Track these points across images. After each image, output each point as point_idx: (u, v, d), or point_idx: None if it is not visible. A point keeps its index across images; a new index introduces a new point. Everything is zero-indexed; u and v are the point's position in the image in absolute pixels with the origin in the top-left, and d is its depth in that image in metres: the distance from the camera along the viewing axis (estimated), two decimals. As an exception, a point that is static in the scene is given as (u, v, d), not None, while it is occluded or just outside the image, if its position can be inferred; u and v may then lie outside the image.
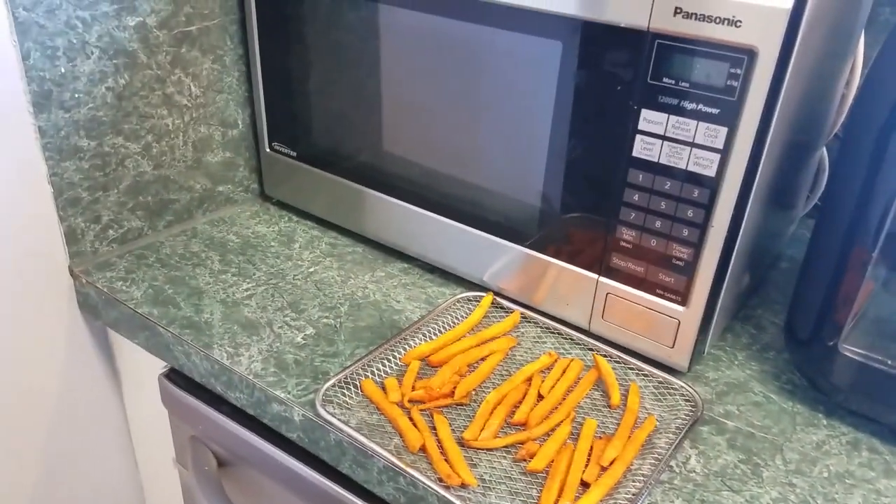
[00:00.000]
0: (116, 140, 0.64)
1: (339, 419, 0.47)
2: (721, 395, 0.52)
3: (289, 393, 0.50)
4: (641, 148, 0.47)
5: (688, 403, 0.51)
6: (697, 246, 0.48)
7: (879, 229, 0.46)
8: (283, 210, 0.76)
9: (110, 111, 0.62)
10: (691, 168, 0.46)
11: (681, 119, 0.45)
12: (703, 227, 0.47)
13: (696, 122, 0.44)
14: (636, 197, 0.49)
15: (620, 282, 0.53)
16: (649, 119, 0.46)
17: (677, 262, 0.49)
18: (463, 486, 0.43)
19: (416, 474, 0.43)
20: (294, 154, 0.70)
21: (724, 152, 0.44)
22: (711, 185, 0.45)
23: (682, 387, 0.52)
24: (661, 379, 0.53)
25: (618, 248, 0.52)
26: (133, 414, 0.73)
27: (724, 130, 0.44)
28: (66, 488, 0.71)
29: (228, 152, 0.73)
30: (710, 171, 0.45)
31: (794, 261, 0.72)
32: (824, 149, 0.67)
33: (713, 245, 0.47)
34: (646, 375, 0.54)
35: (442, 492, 0.42)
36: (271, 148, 0.72)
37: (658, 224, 0.49)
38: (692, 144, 0.45)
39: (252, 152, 0.75)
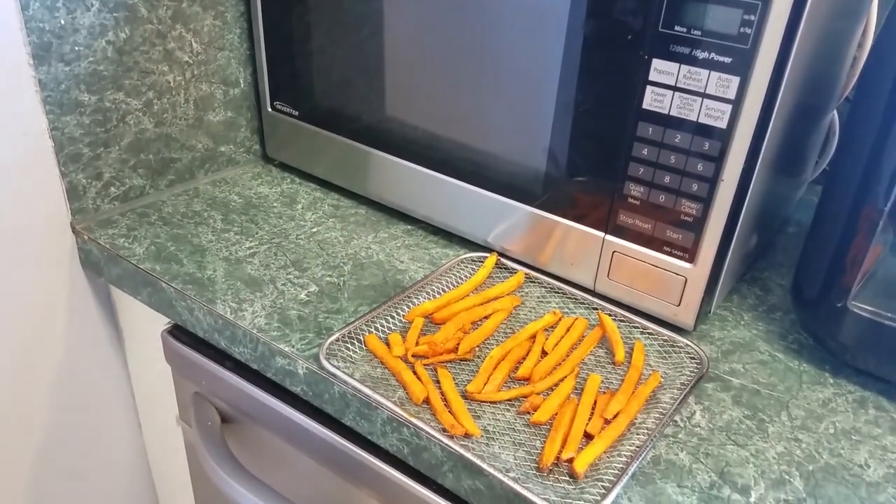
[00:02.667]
0: (117, 95, 0.63)
1: (343, 372, 0.47)
2: (727, 353, 0.52)
3: (293, 347, 0.50)
4: (652, 100, 0.46)
5: (693, 361, 0.50)
6: (706, 201, 0.47)
7: (890, 189, 0.46)
8: (285, 172, 0.75)
9: (111, 66, 0.61)
10: (702, 120, 0.45)
11: (692, 69, 0.44)
12: (713, 182, 0.46)
13: (707, 71, 0.43)
14: (645, 151, 0.48)
15: (627, 240, 0.52)
16: (660, 69, 0.45)
17: (686, 219, 0.48)
18: (466, 436, 0.43)
19: (421, 424, 0.43)
20: (296, 114, 0.69)
21: (736, 103, 0.43)
22: (722, 138, 0.45)
23: (687, 345, 0.51)
24: (666, 337, 0.53)
25: (625, 205, 0.51)
26: (136, 372, 0.73)
27: (736, 80, 0.43)
28: (69, 449, 0.72)
29: (230, 112, 0.72)
30: (722, 123, 0.44)
31: (802, 225, 0.71)
32: (835, 112, 0.66)
33: (722, 200, 0.47)
34: (651, 334, 0.53)
35: (446, 441, 0.42)
36: (273, 107, 0.71)
37: (667, 179, 0.48)
38: (704, 95, 0.44)
39: (254, 112, 0.74)
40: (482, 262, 0.61)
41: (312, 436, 0.51)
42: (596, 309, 0.56)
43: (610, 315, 0.54)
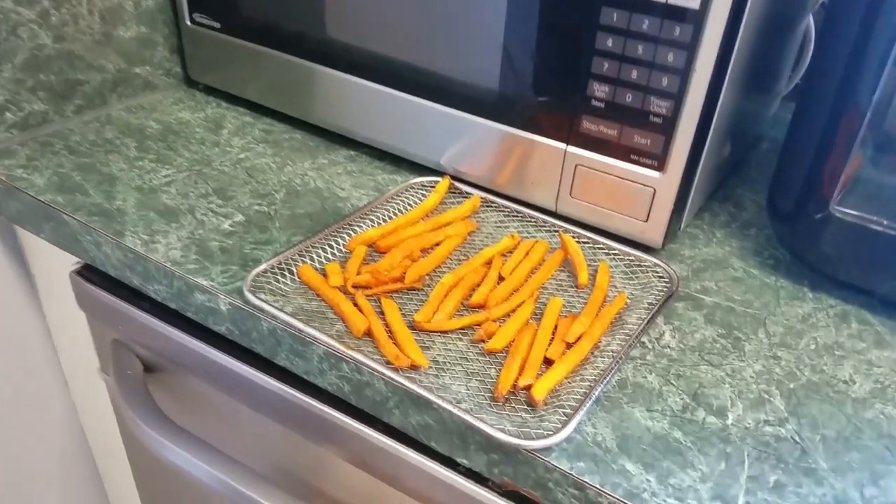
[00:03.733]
0: (4, 3, 0.54)
1: (271, 306, 0.41)
2: (698, 271, 0.48)
3: (213, 280, 0.44)
4: (615, -20, 0.40)
5: (661, 280, 0.46)
6: (678, 97, 0.42)
7: (870, 95, 0.41)
8: (210, 96, 0.67)
9: (-10, -35, 0.52)
10: (672, 1, 0.39)
11: (662, -61, 0.38)
12: (684, 74, 0.41)
13: (679, -60, 0.37)
14: (610, 42, 0.42)
15: (591, 150, 0.47)
16: (625, -59, 0.39)
17: (655, 119, 0.43)
18: (413, 367, 0.38)
19: (360, 357, 0.38)
20: (218, 26, 0.61)
21: (711, -22, 0.38)
22: (695, 21, 0.39)
23: (655, 264, 0.47)
24: (632, 257, 0.48)
25: (589, 109, 0.45)
26: (54, 322, 0.66)
27: (711, -50, 0.37)
28: (-16, 408, 0.65)
29: (143, 27, 0.64)
30: (694, 3, 0.39)
31: (776, 142, 0.67)
32: (811, 17, 0.61)
33: (695, 95, 0.41)
34: (616, 254, 0.48)
35: (389, 374, 0.37)
36: (192, 20, 0.63)
37: (634, 74, 0.42)
38: (674, -30, 0.38)
39: (172, 28, 0.66)
40: (433, 186, 0.55)
41: (244, 380, 0.45)
42: (557, 231, 0.51)
43: (573, 237, 0.49)
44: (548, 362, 0.39)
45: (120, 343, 0.53)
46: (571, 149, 0.48)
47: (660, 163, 0.45)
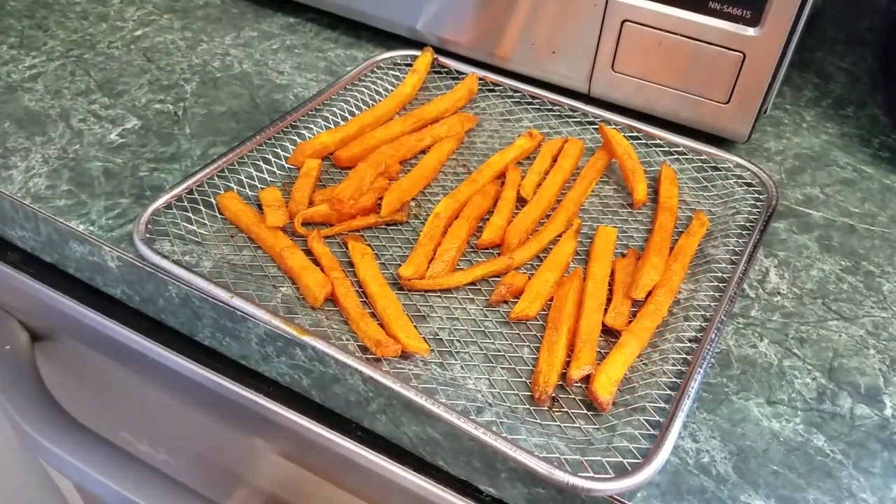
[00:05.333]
0: None
1: (178, 261, 0.27)
2: (793, 172, 0.34)
3: (92, 224, 0.29)
4: None
5: (750, 190, 0.32)
6: None
7: None
8: (93, -51, 0.48)
9: None
10: None
11: None
12: None
13: None
14: None
15: (646, -2, 0.31)
16: None
17: (759, -60, 0.28)
18: (404, 355, 0.24)
19: (322, 346, 0.24)
20: None
21: None
22: None
23: (738, 165, 0.33)
24: (704, 156, 0.34)
25: (646, -70, 0.29)
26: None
27: None
28: None
29: None
30: None
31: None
32: None
33: None
34: (681, 154, 0.34)
35: (367, 370, 0.23)
36: None
37: None
38: None
39: None
40: (411, 63, 0.39)
41: (155, 363, 0.31)
42: (593, 123, 0.36)
43: (618, 129, 0.34)
44: (607, 332, 0.26)
45: (-7, 307, 0.39)
46: (616, -2, 0.32)
47: (755, 13, 0.30)
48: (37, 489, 0.56)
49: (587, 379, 0.24)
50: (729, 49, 0.31)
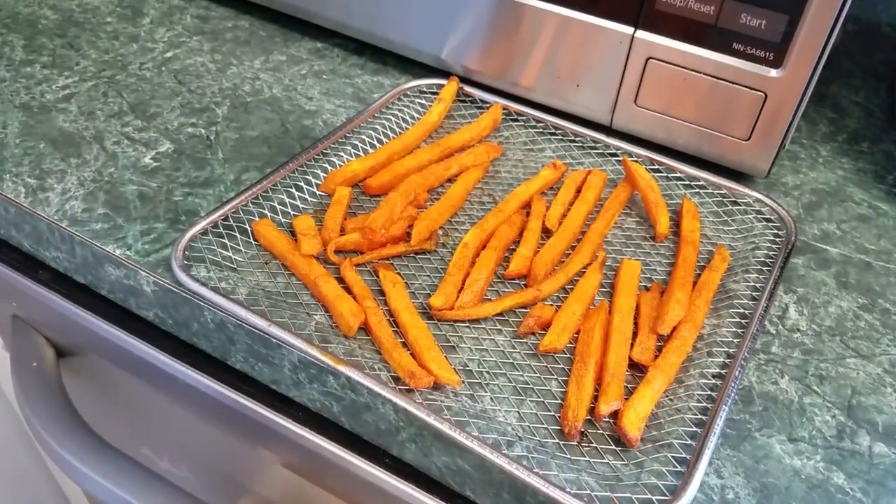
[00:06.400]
0: None
1: (215, 288, 0.27)
2: (810, 208, 0.35)
3: (129, 248, 0.30)
4: None
5: (769, 226, 0.33)
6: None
7: None
8: (123, -31, 0.49)
9: None
10: None
11: None
12: None
13: None
14: None
15: (671, 36, 0.32)
16: None
17: (784, -12, 0.29)
18: (436, 386, 0.25)
19: (357, 376, 0.25)
20: None
21: None
22: None
23: (758, 200, 0.34)
24: (724, 191, 0.35)
25: (673, -27, 0.30)
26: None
27: None
28: None
29: None
30: None
31: (862, 22, 0.52)
32: None
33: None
34: (702, 187, 0.35)
35: (402, 402, 0.24)
36: None
37: (761, -87, 0.27)
38: None
39: None
40: (436, 92, 0.40)
41: (186, 385, 0.32)
42: (616, 155, 0.37)
43: (639, 162, 0.35)
44: (633, 366, 0.26)
45: (21, 322, 0.39)
46: (641, 34, 0.33)
47: (778, 55, 0.30)
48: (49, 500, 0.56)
49: (615, 414, 0.24)
50: (751, 89, 0.32)
